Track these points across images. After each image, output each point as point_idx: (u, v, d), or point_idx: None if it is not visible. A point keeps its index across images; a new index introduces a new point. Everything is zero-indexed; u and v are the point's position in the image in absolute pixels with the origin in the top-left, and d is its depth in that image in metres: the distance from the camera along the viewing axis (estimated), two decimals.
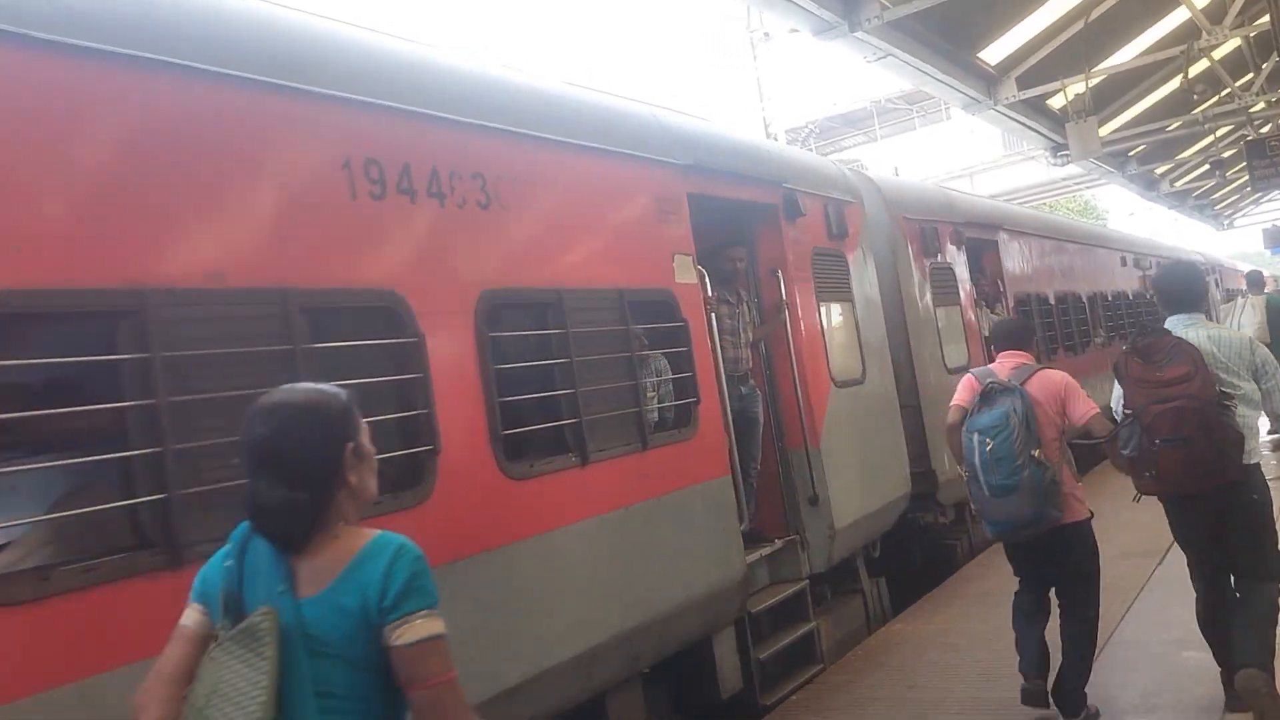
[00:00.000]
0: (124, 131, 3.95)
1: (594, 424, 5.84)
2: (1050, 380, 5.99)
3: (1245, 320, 14.65)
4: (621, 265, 6.35)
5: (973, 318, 12.01)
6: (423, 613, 2.51)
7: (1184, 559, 5.96)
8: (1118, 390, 5.56)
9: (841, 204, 9.21)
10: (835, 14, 11.64)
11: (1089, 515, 6.02)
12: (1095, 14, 14.71)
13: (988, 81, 16.45)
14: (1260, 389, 5.50)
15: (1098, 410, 5.93)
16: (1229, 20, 14.91)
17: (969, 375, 6.24)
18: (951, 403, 6.19)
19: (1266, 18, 13.81)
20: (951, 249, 11.80)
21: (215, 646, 2.51)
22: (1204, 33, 15.28)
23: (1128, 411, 5.42)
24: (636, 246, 6.53)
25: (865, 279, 9.55)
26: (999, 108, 16.85)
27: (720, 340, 7.45)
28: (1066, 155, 19.54)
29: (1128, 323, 19.63)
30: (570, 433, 5.76)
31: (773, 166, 8.31)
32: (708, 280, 7.14)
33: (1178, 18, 16.60)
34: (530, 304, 5.74)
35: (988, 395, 5.83)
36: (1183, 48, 15.84)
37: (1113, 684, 6.44)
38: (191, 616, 2.65)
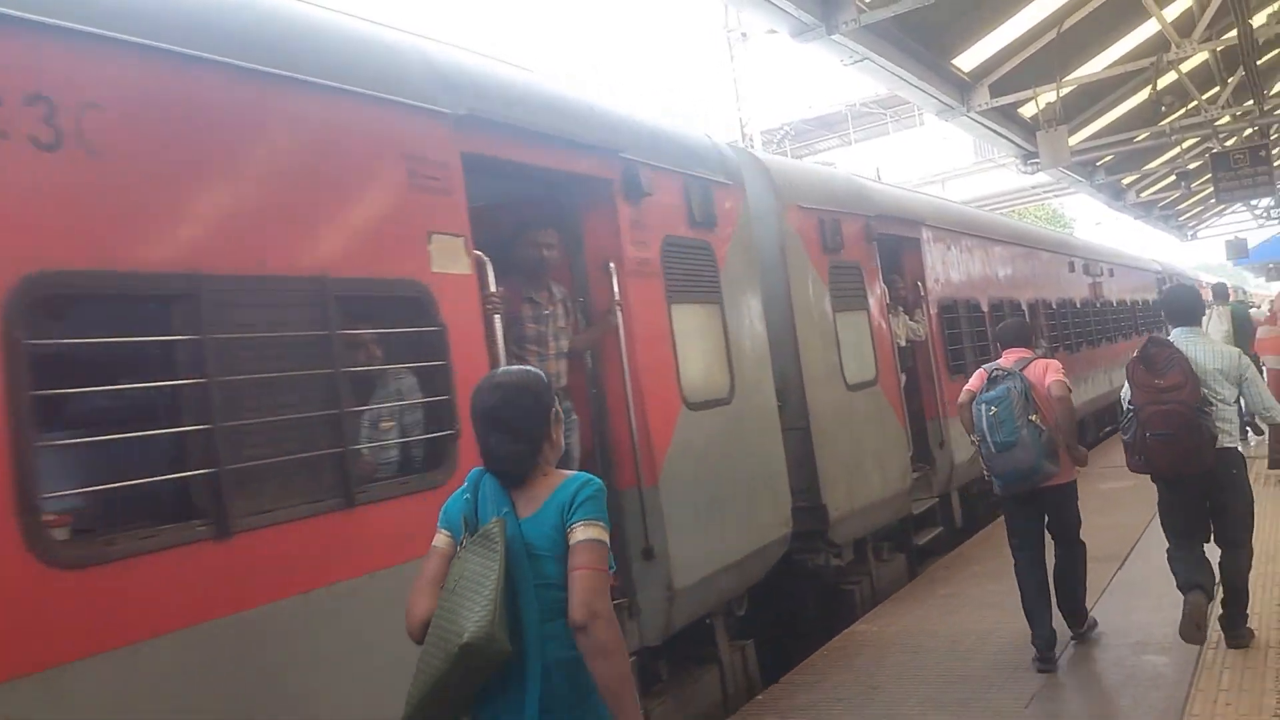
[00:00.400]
0: None
1: (246, 474, 3.33)
2: (1040, 365, 6.41)
3: (1214, 329, 13.36)
4: (332, 245, 3.79)
5: (884, 325, 9.09)
6: (590, 520, 2.86)
7: (1145, 564, 7.33)
8: (1127, 389, 5.94)
9: (710, 184, 6.31)
10: (814, 16, 10.44)
11: (1074, 477, 6.48)
12: (1067, 24, 13.19)
13: (961, 88, 14.83)
14: (1240, 391, 5.94)
15: (1061, 379, 6.24)
16: (1198, 34, 13.43)
17: (981, 369, 6.60)
18: (964, 389, 6.51)
19: (1234, 32, 12.18)
20: (859, 245, 8.83)
21: (461, 549, 2.90)
22: (1173, 45, 13.77)
23: (1131, 407, 5.86)
24: (364, 221, 3.96)
25: (742, 277, 6.73)
26: (972, 114, 15.15)
27: (522, 350, 4.93)
28: (1037, 163, 17.84)
29: (1074, 333, 16.58)
30: (201, 488, 3.27)
31: (606, 130, 5.46)
32: (490, 271, 4.50)
33: (1148, 30, 14.96)
34: (138, 296, 3.26)
35: (993, 379, 6.30)
36: (1152, 60, 14.44)
37: (1072, 686, 5.90)
38: (440, 539, 3.02)
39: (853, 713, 5.76)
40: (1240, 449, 6.03)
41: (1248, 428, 11.87)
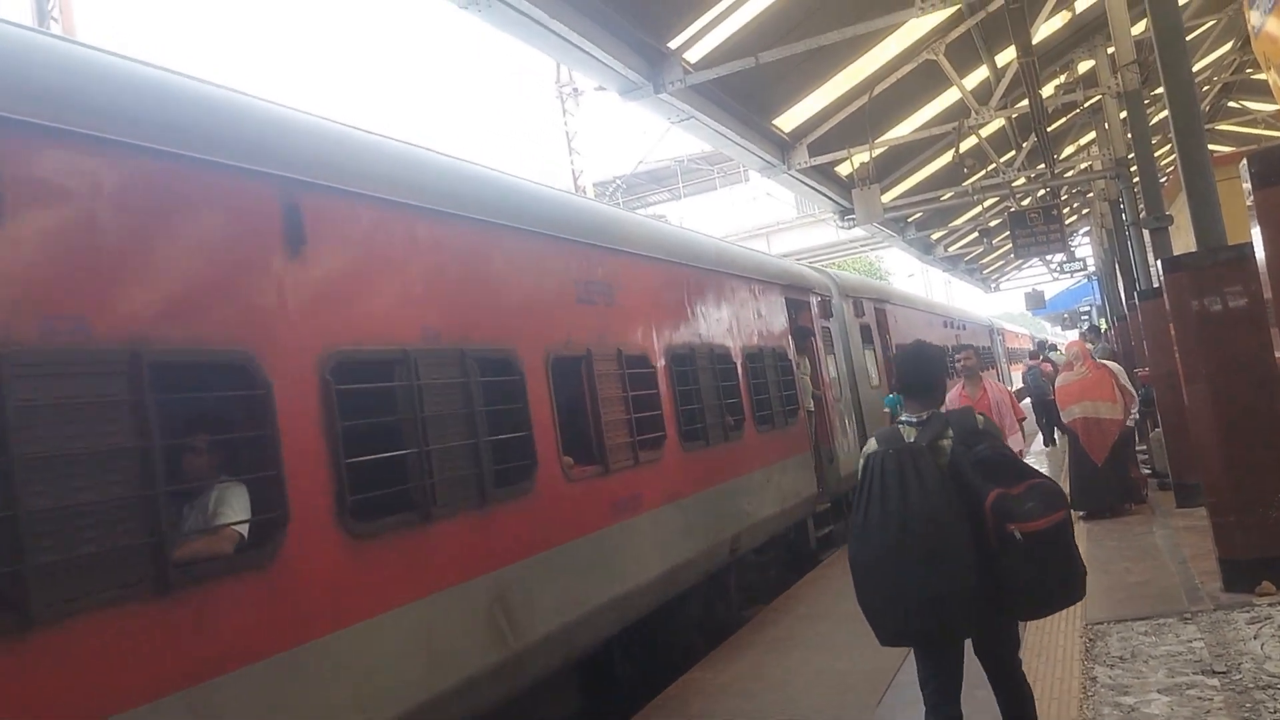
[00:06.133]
0: None
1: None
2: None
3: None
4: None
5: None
6: None
7: None
8: None
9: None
10: (641, 75, 10.95)
11: None
12: (878, 90, 14.22)
13: (782, 147, 15.74)
14: None
15: None
16: (994, 102, 14.78)
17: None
18: None
19: (1026, 101, 13.71)
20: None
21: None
22: (973, 112, 14.97)
23: None
24: None
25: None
26: (792, 172, 16.13)
27: None
28: (853, 219, 19.04)
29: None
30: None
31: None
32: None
33: (951, 97, 16.33)
34: None
35: None
36: (955, 124, 15.70)
37: None
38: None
39: None
40: None
41: None
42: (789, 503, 10.91)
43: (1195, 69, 10.67)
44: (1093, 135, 20.65)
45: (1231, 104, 22.60)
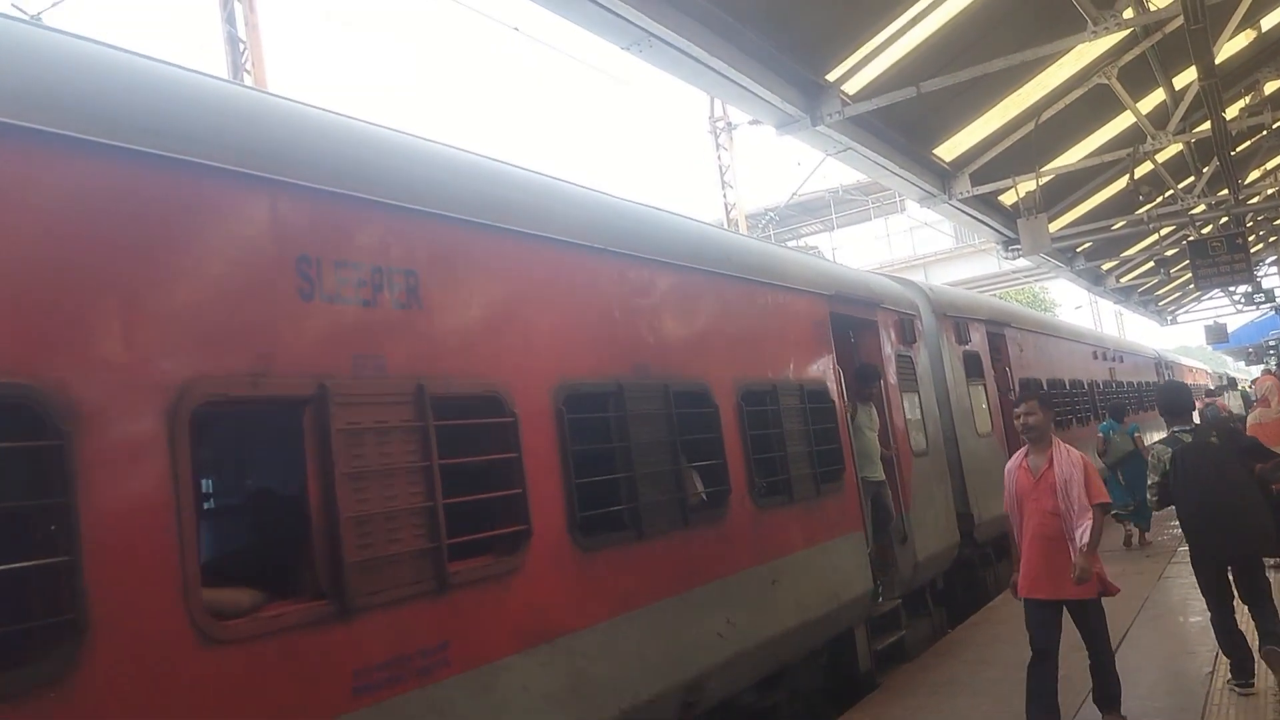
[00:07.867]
0: None
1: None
2: None
3: None
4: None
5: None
6: None
7: None
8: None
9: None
10: (798, 108, 10.98)
11: None
12: (1045, 116, 13.84)
13: (942, 176, 15.46)
14: None
15: None
16: (1172, 126, 14.22)
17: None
18: None
19: (1207, 124, 13.02)
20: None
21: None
22: (1149, 137, 14.47)
23: None
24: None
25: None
26: (953, 202, 15.78)
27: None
28: (1018, 249, 18.59)
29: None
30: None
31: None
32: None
33: (1124, 122, 15.71)
34: None
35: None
36: (1129, 150, 15.12)
37: None
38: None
39: None
40: None
41: None
42: (816, 611, 7.35)
43: None
44: None
45: None
